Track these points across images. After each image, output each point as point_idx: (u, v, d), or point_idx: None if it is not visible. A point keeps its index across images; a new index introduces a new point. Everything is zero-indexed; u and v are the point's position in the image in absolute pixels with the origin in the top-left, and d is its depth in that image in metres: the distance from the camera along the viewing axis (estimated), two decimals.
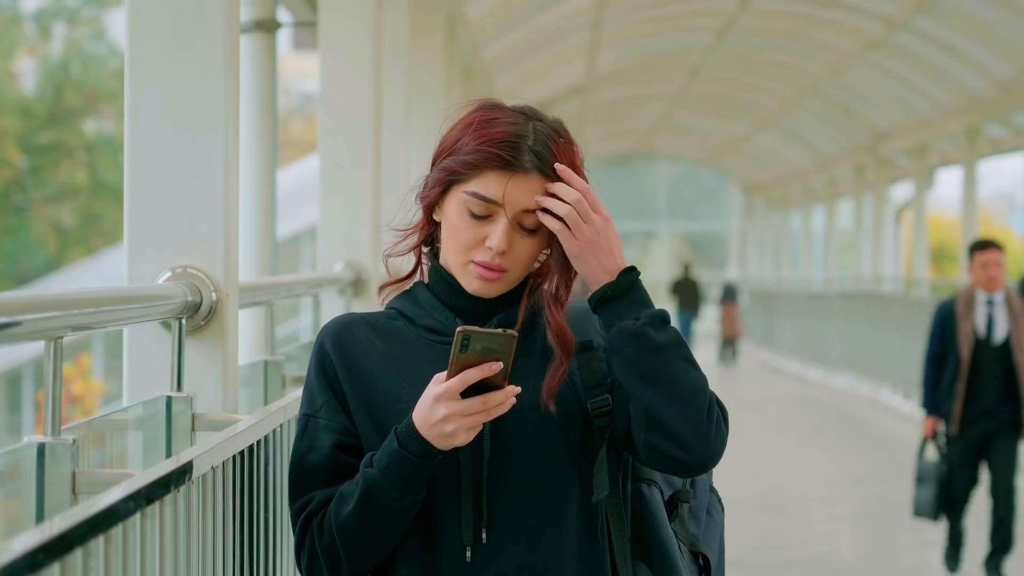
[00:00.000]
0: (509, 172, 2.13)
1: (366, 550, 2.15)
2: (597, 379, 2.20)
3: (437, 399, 2.05)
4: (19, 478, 2.19)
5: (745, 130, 25.22)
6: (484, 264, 2.15)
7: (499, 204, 2.13)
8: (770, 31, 17.39)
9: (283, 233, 16.86)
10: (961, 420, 7.52)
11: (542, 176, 2.15)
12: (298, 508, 2.20)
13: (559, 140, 2.19)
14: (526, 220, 2.15)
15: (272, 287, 4.12)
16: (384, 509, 2.10)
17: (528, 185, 2.14)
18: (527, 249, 2.17)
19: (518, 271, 2.18)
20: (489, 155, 2.14)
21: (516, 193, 2.13)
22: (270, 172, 5.86)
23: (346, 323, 2.25)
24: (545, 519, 2.16)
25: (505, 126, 2.16)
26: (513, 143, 2.14)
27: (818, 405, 17.75)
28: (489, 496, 2.15)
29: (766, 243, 30.96)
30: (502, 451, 2.15)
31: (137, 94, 2.89)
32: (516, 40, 15.10)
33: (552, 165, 2.15)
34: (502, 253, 2.14)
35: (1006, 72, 14.73)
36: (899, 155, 19.85)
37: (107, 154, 29.38)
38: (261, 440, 2.69)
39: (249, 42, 5.93)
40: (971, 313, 7.58)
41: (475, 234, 2.15)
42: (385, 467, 2.09)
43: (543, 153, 2.15)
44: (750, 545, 8.55)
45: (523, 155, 2.14)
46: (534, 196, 2.14)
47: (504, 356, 2.04)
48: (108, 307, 2.43)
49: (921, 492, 7.66)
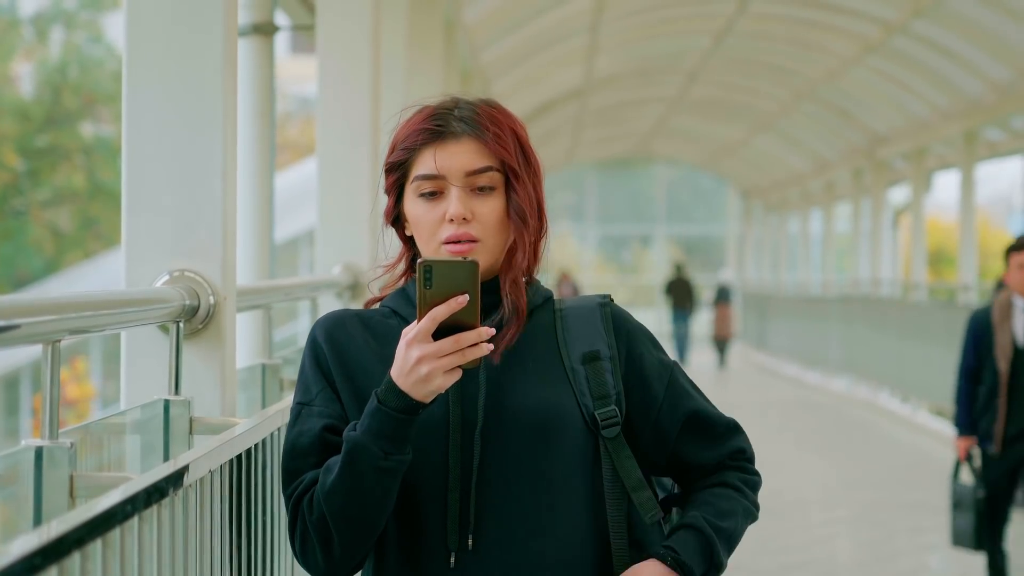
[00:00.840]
0: (438, 141, 2.14)
1: (355, 519, 2.09)
2: (604, 390, 2.19)
3: (409, 344, 2.02)
4: (17, 482, 2.19)
5: (743, 134, 25.22)
6: (452, 239, 2.13)
7: (441, 176, 2.13)
8: (768, 35, 17.39)
9: (281, 236, 16.86)
10: (1003, 439, 6.83)
11: (474, 137, 2.14)
12: (290, 492, 2.17)
13: (489, 107, 2.19)
14: (477, 181, 2.14)
15: (270, 290, 4.12)
16: (368, 470, 2.06)
17: (462, 147, 2.14)
18: (489, 210, 2.15)
19: (491, 236, 2.15)
20: (417, 134, 2.15)
21: (453, 158, 2.13)
22: (268, 176, 5.86)
23: (339, 319, 2.24)
24: (533, 526, 2.15)
25: (428, 108, 2.18)
26: (437, 115, 2.16)
27: (816, 409, 17.75)
28: (477, 501, 2.13)
29: (764, 247, 30.95)
30: (492, 456, 2.14)
31: (135, 98, 2.89)
32: (514, 44, 15.10)
33: (483, 125, 2.15)
34: (463, 220, 2.13)
35: (1004, 76, 14.74)
36: (897, 159, 19.85)
37: (105, 157, 29.37)
38: (259, 444, 2.70)
39: (247, 46, 5.93)
40: (1008, 321, 6.84)
41: (434, 215, 2.14)
42: (367, 427, 2.05)
43: (470, 116, 2.16)
44: (748, 549, 8.54)
45: (449, 123, 2.15)
46: (471, 155, 2.13)
47: (470, 288, 2.01)
48: (106, 310, 2.43)
49: (959, 520, 7.02)
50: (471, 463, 2.14)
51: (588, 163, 32.82)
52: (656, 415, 2.23)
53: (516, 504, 2.14)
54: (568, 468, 2.17)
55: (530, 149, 2.21)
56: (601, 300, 2.28)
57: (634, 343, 2.25)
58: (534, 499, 2.15)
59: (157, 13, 2.89)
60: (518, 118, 2.23)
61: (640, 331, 2.27)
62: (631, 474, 2.19)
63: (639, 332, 2.27)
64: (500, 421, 2.14)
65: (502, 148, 2.14)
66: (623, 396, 2.21)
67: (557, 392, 2.18)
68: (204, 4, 2.90)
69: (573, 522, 2.17)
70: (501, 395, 2.16)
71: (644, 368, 2.24)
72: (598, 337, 2.22)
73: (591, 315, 2.24)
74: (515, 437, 2.15)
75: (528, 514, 2.15)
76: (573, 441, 2.17)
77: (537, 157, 2.22)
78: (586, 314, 2.25)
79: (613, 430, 2.18)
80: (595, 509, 2.20)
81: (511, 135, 2.18)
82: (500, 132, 2.15)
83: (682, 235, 34.97)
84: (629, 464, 2.19)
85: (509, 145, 2.16)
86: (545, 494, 2.15)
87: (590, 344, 2.22)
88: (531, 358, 2.19)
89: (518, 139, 2.19)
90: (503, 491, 2.14)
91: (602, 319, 2.25)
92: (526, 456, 2.15)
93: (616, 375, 2.21)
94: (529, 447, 2.15)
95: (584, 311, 2.25)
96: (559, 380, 2.19)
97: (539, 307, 2.25)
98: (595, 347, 2.21)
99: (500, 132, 2.15)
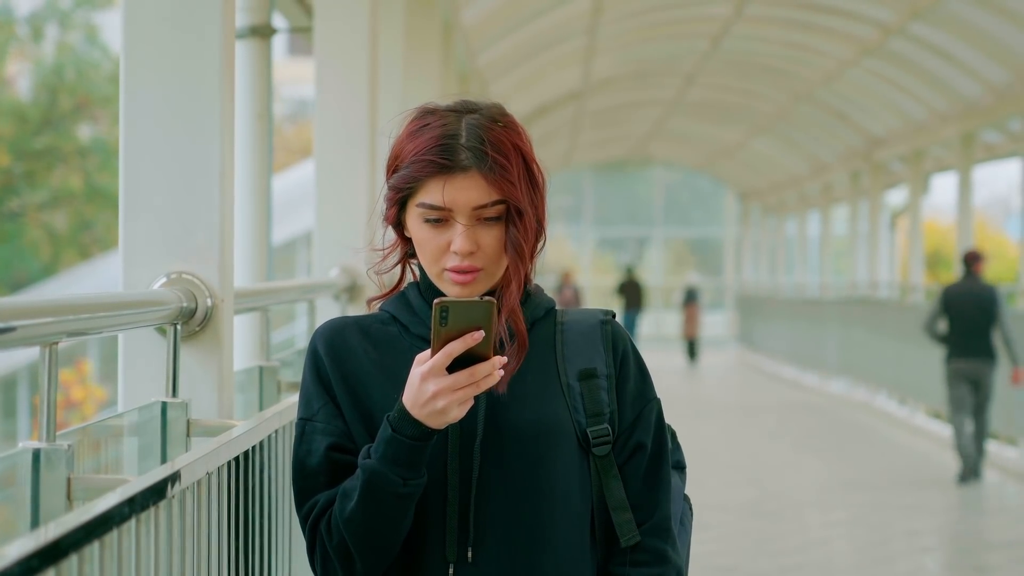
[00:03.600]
0: (446, 175, 2.12)
1: (377, 543, 2.12)
2: (598, 408, 2.20)
3: (424, 377, 2.03)
4: (14, 484, 2.19)
5: (741, 136, 25.24)
6: (456, 269, 2.14)
7: (447, 209, 2.12)
8: (765, 37, 17.41)
9: (278, 239, 16.86)
10: None
11: (481, 172, 2.12)
12: (305, 513, 2.19)
13: (496, 127, 2.16)
14: (484, 213, 2.13)
15: (267, 293, 4.12)
16: (388, 497, 2.08)
17: (469, 183, 2.12)
18: (493, 239, 2.14)
19: (493, 264, 2.15)
20: (424, 163, 2.13)
21: (460, 194, 2.12)
22: (265, 178, 5.86)
23: (339, 328, 2.24)
24: (532, 539, 2.15)
25: (436, 129, 2.14)
26: (444, 145, 2.13)
27: (813, 411, 17.75)
28: (476, 514, 2.13)
29: (762, 249, 30.96)
30: (491, 468, 2.14)
31: (132, 100, 2.89)
32: (512, 46, 15.11)
33: (490, 156, 2.12)
34: (469, 254, 2.13)
35: (1001, 78, 14.75)
36: (894, 161, 19.86)
37: (101, 159, 29.35)
38: (256, 446, 2.69)
39: (244, 48, 5.94)
40: None
41: (439, 242, 2.14)
42: (383, 455, 2.07)
43: (477, 147, 2.12)
44: (745, 551, 8.54)
45: (457, 155, 2.12)
46: (479, 191, 2.12)
47: (485, 325, 2.02)
48: (103, 313, 2.42)
49: None
50: (471, 475, 2.14)
51: (586, 165, 32.84)
52: (618, 440, 2.22)
53: (515, 517, 2.14)
54: (566, 482, 2.17)
55: (535, 164, 2.19)
56: (603, 317, 2.27)
57: (625, 366, 2.24)
58: (533, 512, 2.15)
59: (154, 15, 2.89)
60: (523, 129, 2.20)
61: (633, 356, 2.26)
62: (614, 494, 2.20)
63: (632, 357, 2.26)
64: (499, 434, 2.14)
65: (507, 183, 2.12)
66: (616, 414, 2.21)
67: (554, 407, 2.18)
68: (201, 6, 2.90)
69: (572, 536, 2.17)
70: (501, 408, 2.16)
71: (624, 393, 2.23)
72: (596, 354, 2.22)
73: (592, 332, 2.24)
74: (514, 450, 2.15)
75: (527, 527, 2.15)
76: (569, 456, 2.18)
77: (541, 168, 2.20)
78: (587, 330, 2.24)
79: (604, 448, 2.19)
80: (593, 524, 2.21)
81: (516, 159, 2.15)
82: (507, 162, 2.13)
83: (680, 237, 34.98)
84: (614, 484, 2.20)
85: (514, 175, 2.13)
86: (544, 507, 2.15)
87: (588, 361, 2.22)
88: (530, 372, 2.19)
89: (523, 157, 2.17)
90: (502, 504, 2.14)
91: (602, 337, 2.24)
92: (525, 469, 2.15)
93: (611, 393, 2.21)
94: (528, 460, 2.15)
95: (585, 327, 2.25)
96: (556, 395, 2.19)
97: (539, 319, 2.24)
98: (592, 364, 2.21)
99: (507, 162, 2.13)
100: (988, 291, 11.34)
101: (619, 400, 2.22)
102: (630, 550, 2.20)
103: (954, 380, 11.38)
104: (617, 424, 2.21)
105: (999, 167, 28.34)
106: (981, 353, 11.26)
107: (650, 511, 2.22)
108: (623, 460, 2.22)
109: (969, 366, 11.29)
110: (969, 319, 11.29)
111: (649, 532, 2.21)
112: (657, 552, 2.21)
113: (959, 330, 11.36)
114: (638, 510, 2.21)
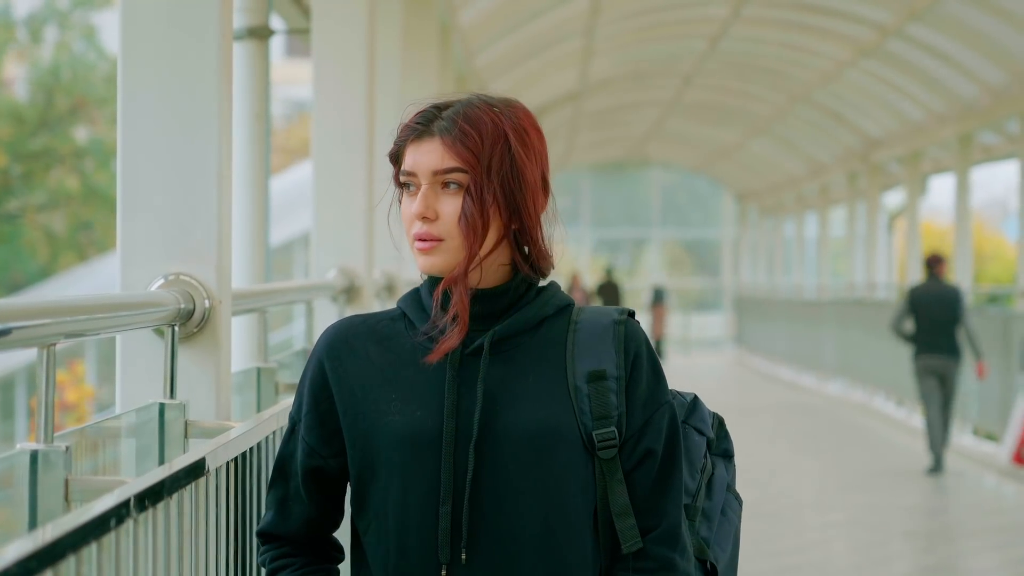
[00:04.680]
0: (417, 140, 2.16)
1: None
2: (605, 411, 2.15)
3: None
4: (12, 485, 2.19)
5: (738, 137, 25.24)
6: (416, 235, 2.15)
7: (413, 173, 2.15)
8: (763, 38, 17.40)
9: (276, 240, 16.86)
10: None
11: (445, 138, 2.14)
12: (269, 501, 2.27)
13: (485, 107, 2.17)
14: (444, 179, 2.14)
15: (265, 294, 4.11)
16: None
17: (432, 146, 2.14)
18: (452, 209, 2.14)
19: (454, 237, 2.13)
20: (403, 129, 2.18)
21: (423, 157, 2.15)
22: (263, 179, 5.86)
23: (345, 330, 2.23)
24: (528, 542, 2.12)
25: (423, 105, 2.20)
26: (424, 112, 2.18)
27: (811, 412, 17.75)
28: (470, 515, 2.11)
29: (759, 250, 30.96)
30: (486, 471, 2.12)
31: (130, 101, 2.89)
32: (509, 47, 15.10)
33: (458, 125, 2.14)
34: (424, 218, 2.13)
35: (999, 79, 14.75)
36: (892, 162, 19.86)
37: (98, 160, 29.33)
38: (254, 447, 2.69)
39: (242, 49, 5.93)
40: None
41: (410, 210, 2.17)
42: None
43: (452, 117, 2.15)
44: (743, 552, 8.50)
45: (431, 122, 2.16)
46: (439, 156, 2.13)
47: None
48: (101, 314, 2.42)
49: None
50: (464, 477, 2.12)
51: (583, 167, 32.83)
52: (626, 444, 2.18)
53: (510, 519, 2.12)
54: (567, 486, 2.14)
55: (522, 154, 2.16)
56: (617, 317, 2.21)
57: (637, 368, 2.19)
58: (529, 515, 2.12)
59: (152, 17, 2.89)
60: (528, 124, 2.19)
61: (647, 358, 2.20)
62: (617, 499, 2.16)
63: (645, 359, 2.20)
64: (495, 436, 2.12)
65: (465, 150, 2.13)
66: (624, 417, 2.17)
67: (556, 409, 2.14)
68: (199, 8, 2.90)
69: (570, 540, 2.14)
70: (498, 410, 2.13)
71: (634, 396, 2.18)
72: (607, 355, 2.18)
73: (605, 332, 2.20)
74: (510, 452, 2.12)
75: (523, 530, 2.12)
76: (570, 459, 2.14)
77: (533, 157, 2.18)
78: (600, 330, 2.20)
79: (610, 451, 2.14)
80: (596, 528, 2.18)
81: (492, 137, 2.14)
82: (474, 133, 2.13)
83: (677, 239, 34.97)
84: (619, 488, 2.16)
85: (479, 147, 2.13)
86: (541, 511, 2.13)
87: (598, 362, 2.17)
88: (534, 373, 2.16)
89: (507, 142, 2.15)
90: (497, 506, 2.12)
91: (614, 337, 2.19)
92: (522, 472, 2.12)
93: (621, 395, 2.16)
94: (525, 463, 2.12)
95: (598, 327, 2.20)
96: (560, 397, 2.15)
97: (550, 317, 2.21)
98: (602, 366, 2.17)
99: (474, 133, 2.13)
100: (951, 291, 12.02)
101: (628, 403, 2.17)
102: (635, 556, 2.17)
103: (922, 375, 12.07)
104: (625, 427, 2.17)
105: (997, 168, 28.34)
106: (946, 349, 11.93)
107: (658, 519, 2.18)
108: (632, 466, 2.17)
109: (935, 362, 11.94)
110: (934, 318, 11.96)
111: (656, 540, 2.17)
112: (664, 560, 2.17)
113: (925, 328, 12.02)
114: (646, 517, 2.17)
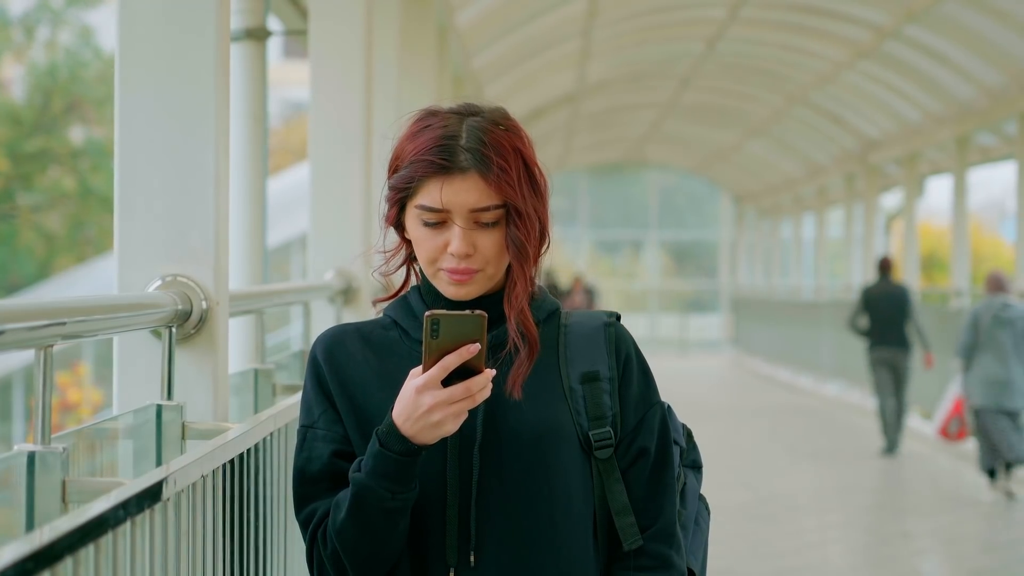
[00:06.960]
0: (444, 176, 2.11)
1: (367, 554, 2.12)
2: (600, 411, 2.18)
3: (419, 391, 2.03)
4: (9, 487, 2.19)
5: (735, 139, 25.25)
6: (451, 270, 2.13)
7: (445, 211, 2.12)
8: (760, 40, 17.41)
9: (273, 241, 16.86)
10: None
11: (479, 174, 2.11)
12: (304, 520, 2.18)
13: (497, 129, 2.15)
14: (482, 217, 2.12)
15: (262, 295, 4.11)
16: (376, 511, 2.08)
17: (467, 184, 2.11)
18: (492, 243, 2.14)
19: (491, 266, 2.15)
20: (423, 164, 2.12)
21: (458, 196, 2.11)
22: (260, 180, 5.86)
23: (339, 336, 2.23)
24: (534, 543, 2.14)
25: (437, 131, 2.14)
26: (443, 146, 2.12)
27: (808, 413, 17.76)
28: (477, 517, 2.13)
29: (757, 252, 30.99)
30: (491, 472, 2.13)
31: (128, 102, 2.89)
32: (506, 48, 15.11)
33: (488, 158, 2.11)
34: (465, 256, 2.12)
35: (996, 81, 14.76)
36: (889, 164, 19.87)
37: (95, 160, 29.32)
38: (251, 449, 2.69)
39: (239, 50, 5.93)
40: None
41: (436, 243, 2.13)
42: (371, 469, 2.07)
43: (477, 148, 2.11)
44: (740, 554, 8.54)
45: (456, 156, 2.11)
46: (477, 193, 2.11)
47: (479, 338, 2.03)
48: (98, 315, 2.42)
49: None
50: (470, 479, 2.13)
51: (580, 168, 32.84)
52: (620, 444, 2.21)
53: (516, 520, 2.14)
54: (568, 485, 2.16)
55: (536, 168, 2.17)
56: (607, 320, 2.25)
57: (628, 370, 2.23)
58: (534, 515, 2.14)
59: (150, 18, 2.89)
60: (525, 134, 2.19)
61: (636, 360, 2.25)
62: (617, 498, 2.19)
63: (635, 360, 2.24)
64: (499, 438, 2.14)
65: (507, 185, 2.12)
66: (619, 417, 2.20)
67: (554, 411, 2.17)
68: (197, 9, 2.89)
69: (575, 539, 2.17)
70: (500, 412, 2.15)
71: (627, 396, 2.22)
72: (599, 357, 2.21)
73: (595, 334, 2.23)
74: (514, 454, 2.14)
75: (529, 530, 2.14)
76: (571, 459, 2.17)
77: (543, 172, 2.19)
78: (590, 332, 2.23)
79: (606, 451, 2.18)
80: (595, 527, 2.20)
81: (516, 162, 2.14)
82: (506, 164, 2.12)
83: (675, 240, 34.99)
84: (617, 487, 2.19)
85: (513, 178, 2.12)
86: (546, 511, 2.15)
87: (591, 364, 2.20)
88: (531, 375, 2.18)
89: (524, 161, 2.15)
90: (503, 507, 2.13)
91: (606, 339, 2.23)
92: (525, 473, 2.14)
93: (614, 396, 2.20)
94: (528, 464, 2.14)
95: (588, 329, 2.23)
96: (557, 399, 2.18)
97: (542, 322, 2.23)
98: (595, 367, 2.20)
99: (506, 164, 2.12)
100: (901, 290, 13.51)
101: (622, 403, 2.21)
102: (633, 554, 2.19)
103: (876, 366, 13.48)
104: (620, 427, 2.20)
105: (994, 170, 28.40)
106: (897, 343, 13.38)
107: (654, 516, 2.21)
108: (626, 465, 2.21)
109: (887, 354, 13.38)
110: (886, 314, 13.43)
111: (653, 537, 2.20)
112: (661, 557, 2.20)
113: (878, 324, 13.50)
114: (642, 515, 2.20)
